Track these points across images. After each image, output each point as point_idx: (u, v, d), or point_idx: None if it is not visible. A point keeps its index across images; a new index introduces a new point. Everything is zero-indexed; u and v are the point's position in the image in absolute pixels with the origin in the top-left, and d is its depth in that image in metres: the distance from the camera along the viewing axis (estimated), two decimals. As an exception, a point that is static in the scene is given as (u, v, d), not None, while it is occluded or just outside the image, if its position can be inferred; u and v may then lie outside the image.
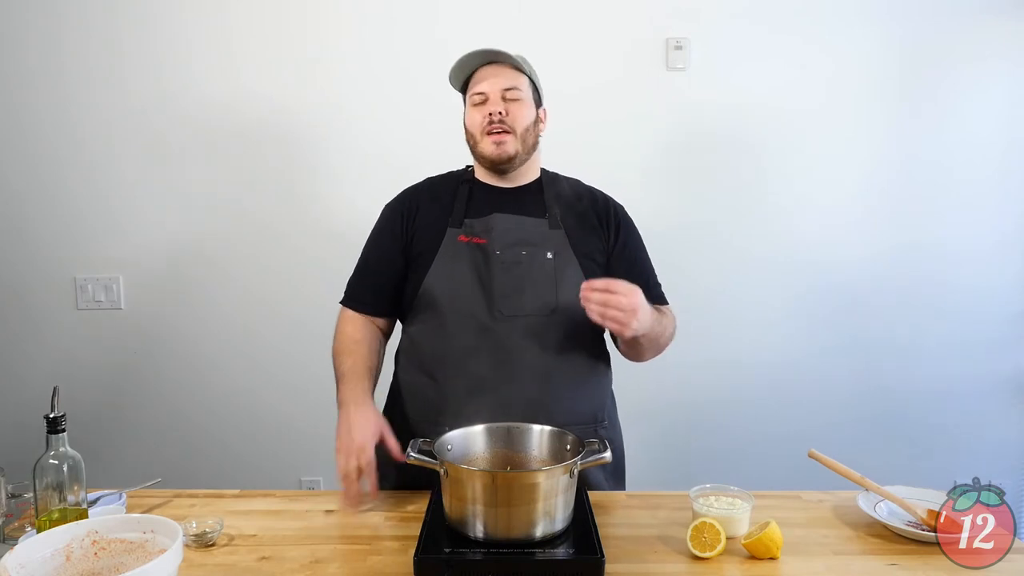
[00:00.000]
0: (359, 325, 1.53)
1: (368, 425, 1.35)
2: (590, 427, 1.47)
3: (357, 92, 2.38)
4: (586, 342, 1.50)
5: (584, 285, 1.30)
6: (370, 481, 1.31)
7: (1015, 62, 2.45)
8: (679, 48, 2.39)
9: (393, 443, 1.36)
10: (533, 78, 1.53)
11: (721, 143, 2.45)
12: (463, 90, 1.56)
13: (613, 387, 1.61)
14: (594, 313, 1.29)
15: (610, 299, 1.28)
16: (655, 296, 1.56)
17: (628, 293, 1.29)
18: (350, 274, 1.61)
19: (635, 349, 1.49)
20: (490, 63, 1.50)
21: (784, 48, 2.42)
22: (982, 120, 2.47)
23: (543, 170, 1.60)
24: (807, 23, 2.41)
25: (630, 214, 1.61)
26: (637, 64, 2.40)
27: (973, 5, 2.41)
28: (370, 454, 1.32)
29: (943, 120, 2.47)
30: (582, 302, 1.30)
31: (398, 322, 1.61)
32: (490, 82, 1.48)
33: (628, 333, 1.31)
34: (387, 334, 1.60)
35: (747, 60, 2.41)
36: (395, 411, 1.56)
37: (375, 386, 1.49)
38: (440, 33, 2.34)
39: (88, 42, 2.33)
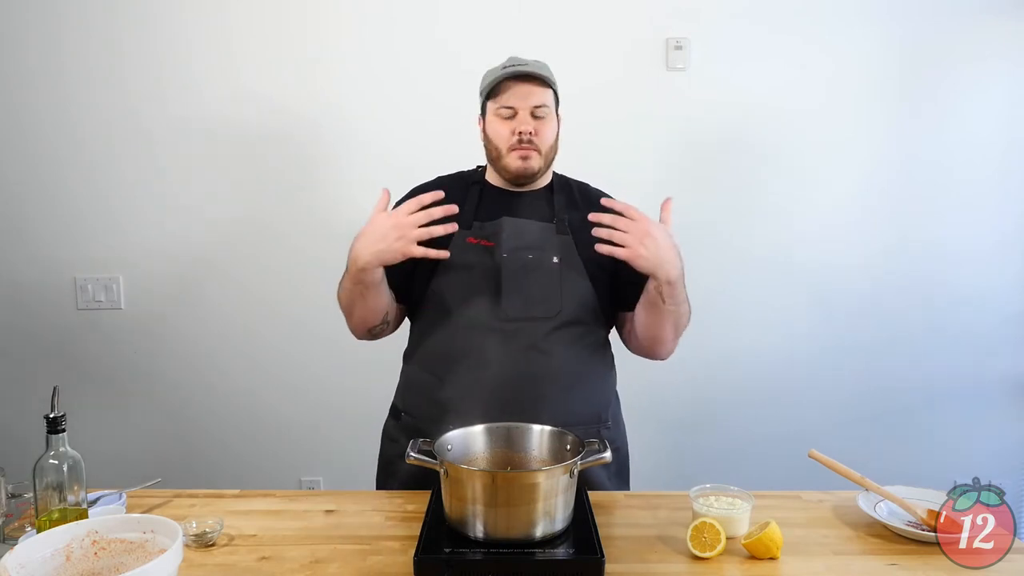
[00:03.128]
0: None
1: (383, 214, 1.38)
2: (592, 428, 1.47)
3: (357, 92, 2.38)
4: (590, 345, 1.51)
5: (603, 202, 1.32)
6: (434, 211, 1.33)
7: (1015, 62, 2.44)
8: (679, 48, 2.39)
9: (384, 193, 1.40)
10: (555, 87, 1.52)
11: (721, 143, 2.45)
12: (486, 96, 1.53)
13: (617, 387, 1.61)
14: (602, 240, 1.30)
15: (618, 221, 1.29)
16: None
17: (640, 219, 1.31)
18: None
19: (658, 317, 1.43)
20: (522, 76, 1.47)
21: (784, 48, 2.42)
22: (982, 120, 2.47)
23: (554, 173, 1.61)
24: (807, 23, 2.41)
25: None
26: (637, 64, 2.40)
27: (973, 5, 2.41)
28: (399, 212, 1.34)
29: (943, 120, 2.47)
30: (593, 225, 1.30)
31: (406, 320, 1.61)
32: (522, 99, 1.46)
33: (638, 261, 1.31)
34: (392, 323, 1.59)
35: (747, 60, 2.41)
36: (402, 409, 1.57)
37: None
38: (440, 33, 2.34)
39: (88, 42, 2.33)
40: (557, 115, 1.55)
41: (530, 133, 1.46)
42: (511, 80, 1.47)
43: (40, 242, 2.41)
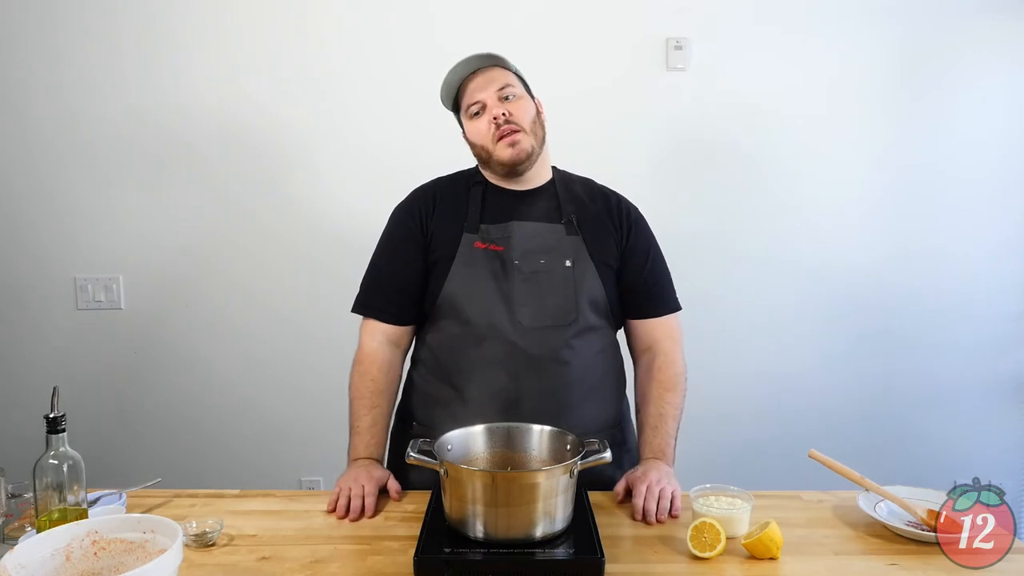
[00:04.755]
0: (385, 362, 1.49)
1: (373, 478, 1.38)
2: (608, 433, 1.45)
3: (356, 95, 2.38)
4: (604, 349, 1.49)
5: (635, 500, 1.31)
6: (369, 503, 1.32)
7: (1018, 62, 2.44)
8: (679, 48, 2.39)
9: (395, 487, 1.40)
10: (518, 73, 1.50)
11: (721, 143, 2.45)
12: (456, 108, 1.52)
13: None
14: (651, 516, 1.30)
15: (654, 504, 1.30)
16: (667, 300, 1.54)
17: (654, 490, 1.31)
18: (350, 276, 1.57)
19: None
20: (474, 72, 1.46)
21: (785, 48, 2.42)
22: (983, 120, 2.47)
23: (554, 169, 1.56)
24: (808, 23, 2.41)
25: None
26: (637, 64, 2.40)
27: (975, 5, 2.41)
28: (372, 491, 1.34)
29: (945, 121, 2.46)
30: (636, 516, 1.31)
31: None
32: (483, 89, 1.44)
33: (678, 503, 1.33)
34: (408, 349, 1.57)
35: (747, 60, 2.41)
36: (415, 419, 1.53)
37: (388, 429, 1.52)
38: (438, 36, 2.34)
39: (88, 42, 2.33)
40: (532, 97, 1.50)
41: (505, 115, 1.42)
42: (465, 81, 1.46)
43: (40, 242, 2.41)
